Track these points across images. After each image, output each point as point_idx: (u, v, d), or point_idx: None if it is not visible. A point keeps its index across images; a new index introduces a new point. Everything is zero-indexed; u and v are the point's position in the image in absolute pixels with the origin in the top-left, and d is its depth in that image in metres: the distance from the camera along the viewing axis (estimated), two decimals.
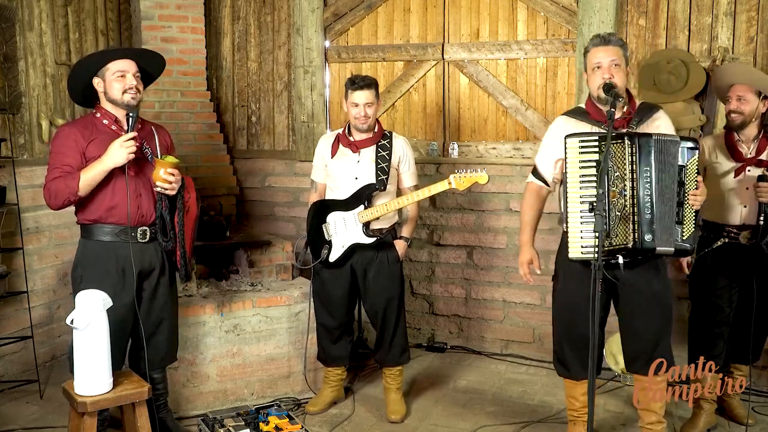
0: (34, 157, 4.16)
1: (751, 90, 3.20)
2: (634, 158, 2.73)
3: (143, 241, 3.03)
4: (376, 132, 3.51)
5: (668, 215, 2.74)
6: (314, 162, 3.65)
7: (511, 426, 3.51)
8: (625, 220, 2.71)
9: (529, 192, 3.12)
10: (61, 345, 4.29)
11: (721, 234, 3.31)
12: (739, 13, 3.94)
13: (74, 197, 2.87)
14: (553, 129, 3.04)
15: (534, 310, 4.50)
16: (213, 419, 3.28)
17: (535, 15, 4.42)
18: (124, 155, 2.85)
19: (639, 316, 2.93)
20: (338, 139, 3.54)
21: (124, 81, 2.95)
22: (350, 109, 3.45)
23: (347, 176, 3.48)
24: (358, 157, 3.49)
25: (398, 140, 3.57)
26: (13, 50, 4.00)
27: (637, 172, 2.72)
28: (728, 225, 3.29)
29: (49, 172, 2.91)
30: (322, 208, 3.55)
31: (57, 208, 2.95)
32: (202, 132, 4.89)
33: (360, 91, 3.41)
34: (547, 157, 3.03)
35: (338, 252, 3.48)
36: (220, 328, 3.70)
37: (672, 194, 2.74)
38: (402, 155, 3.55)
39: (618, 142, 2.72)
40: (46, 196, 2.90)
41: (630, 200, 2.72)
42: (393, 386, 3.66)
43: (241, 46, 5.10)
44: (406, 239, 3.62)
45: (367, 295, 3.56)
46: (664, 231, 2.74)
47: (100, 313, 2.64)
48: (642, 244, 2.72)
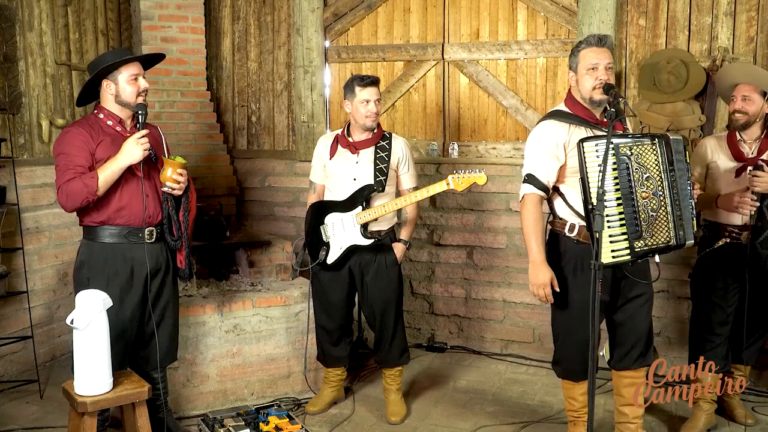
0: (34, 157, 4.17)
1: (756, 90, 3.20)
2: (662, 159, 2.70)
3: (150, 241, 3.04)
4: (376, 133, 3.50)
5: (688, 210, 2.76)
6: (313, 163, 3.64)
7: (511, 426, 3.51)
8: (663, 219, 2.70)
9: (532, 205, 2.89)
10: (61, 345, 4.29)
11: (723, 234, 3.30)
12: (739, 13, 3.94)
13: (93, 197, 2.85)
14: (546, 135, 2.88)
15: (534, 310, 4.50)
16: (213, 419, 3.28)
17: (535, 15, 4.42)
18: (139, 152, 2.86)
19: (637, 313, 2.95)
20: (337, 140, 3.53)
21: (137, 84, 2.96)
22: (358, 108, 3.41)
23: (346, 177, 3.47)
24: (356, 158, 3.48)
25: (398, 141, 3.55)
26: (13, 50, 4.00)
27: (667, 172, 2.70)
28: (730, 225, 3.29)
29: (62, 174, 2.87)
30: (321, 209, 3.53)
31: (73, 210, 2.92)
32: (202, 132, 4.89)
33: (370, 88, 3.40)
34: (545, 166, 2.88)
35: (336, 254, 3.47)
36: (220, 328, 3.70)
37: (687, 190, 2.76)
38: (401, 156, 3.54)
39: (642, 144, 2.70)
40: (61, 198, 2.86)
41: (665, 200, 2.70)
42: (393, 387, 3.66)
43: (241, 46, 5.10)
44: (404, 242, 3.60)
45: (365, 297, 3.55)
46: (688, 225, 2.76)
47: (100, 313, 2.64)
48: (678, 241, 2.72)
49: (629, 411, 3.03)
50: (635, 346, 2.97)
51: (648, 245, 2.70)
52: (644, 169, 2.70)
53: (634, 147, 2.69)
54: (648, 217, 2.69)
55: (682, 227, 2.72)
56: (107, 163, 2.87)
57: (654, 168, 2.70)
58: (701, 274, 3.40)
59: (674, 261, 4.11)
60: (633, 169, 2.68)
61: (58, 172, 2.89)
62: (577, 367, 3.01)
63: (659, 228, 2.70)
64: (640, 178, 2.69)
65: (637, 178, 2.69)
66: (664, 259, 4.02)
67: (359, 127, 3.47)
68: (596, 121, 2.87)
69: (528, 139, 2.98)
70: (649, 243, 2.70)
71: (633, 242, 2.68)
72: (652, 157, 2.70)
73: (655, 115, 4.10)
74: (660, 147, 2.70)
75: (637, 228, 2.67)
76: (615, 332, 3.03)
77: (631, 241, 2.68)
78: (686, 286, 3.96)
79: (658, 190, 2.70)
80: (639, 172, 2.69)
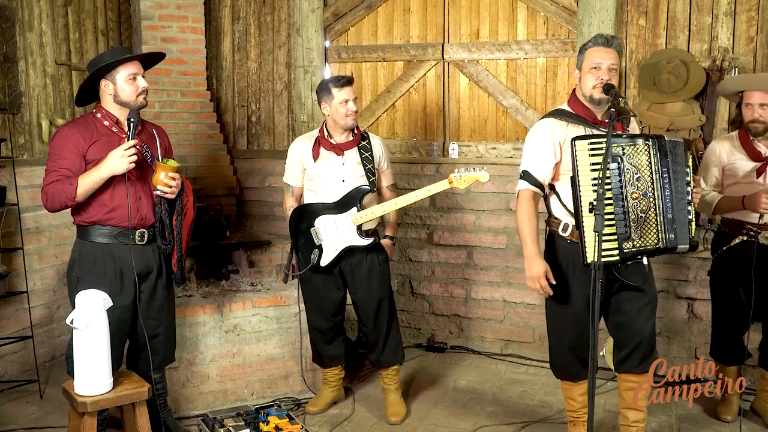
0: (34, 157, 4.16)
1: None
2: (654, 159, 2.70)
3: (141, 243, 3.02)
4: (357, 133, 3.51)
5: (683, 213, 2.75)
6: (289, 165, 3.59)
7: (511, 426, 3.51)
8: (652, 220, 2.69)
9: (527, 200, 2.92)
10: (61, 345, 4.29)
11: (741, 231, 3.32)
12: (739, 13, 3.94)
13: (71, 202, 2.85)
14: (543, 133, 2.91)
15: (534, 310, 4.50)
16: (213, 419, 3.28)
17: (535, 15, 4.42)
18: (124, 165, 2.83)
19: (638, 316, 2.93)
20: (318, 143, 3.51)
21: (136, 84, 2.94)
22: (338, 109, 3.40)
23: (333, 179, 3.46)
24: (342, 160, 3.47)
25: (376, 140, 3.58)
26: (13, 50, 4.00)
27: (659, 173, 2.70)
28: (749, 222, 3.30)
29: (47, 175, 2.88)
30: (309, 212, 3.51)
31: (54, 211, 2.94)
32: (202, 132, 4.89)
33: (347, 87, 3.41)
34: (540, 162, 2.90)
35: (331, 256, 3.45)
36: (220, 328, 3.70)
37: (684, 193, 2.75)
38: (381, 155, 3.57)
39: (635, 144, 2.70)
40: (43, 199, 2.88)
41: (655, 201, 2.70)
42: (391, 387, 3.65)
43: (241, 46, 5.10)
44: (391, 238, 3.65)
45: (358, 296, 3.54)
46: (682, 229, 2.74)
47: (100, 313, 2.64)
48: (668, 244, 2.71)
49: (631, 415, 3.02)
50: (636, 350, 2.95)
51: (636, 246, 2.70)
52: (635, 170, 2.70)
53: (626, 147, 2.70)
54: (637, 217, 2.69)
55: (674, 230, 2.70)
56: (91, 170, 2.85)
57: (645, 169, 2.70)
58: (720, 271, 3.44)
59: (674, 261, 4.11)
60: (624, 168, 2.68)
61: (45, 173, 2.90)
62: (572, 368, 3.02)
63: (648, 229, 2.70)
64: (631, 178, 2.69)
65: (628, 178, 2.69)
66: (665, 258, 4.04)
67: (339, 128, 3.46)
68: (596, 120, 2.87)
69: (527, 136, 3.01)
70: (638, 244, 2.70)
71: (622, 243, 2.68)
72: (644, 158, 2.70)
73: (655, 115, 4.10)
74: (653, 148, 2.70)
75: (626, 229, 2.67)
76: (616, 335, 3.03)
77: (620, 242, 2.69)
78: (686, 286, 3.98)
79: (648, 190, 2.70)
80: (630, 173, 2.69)
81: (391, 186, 3.66)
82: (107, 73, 2.93)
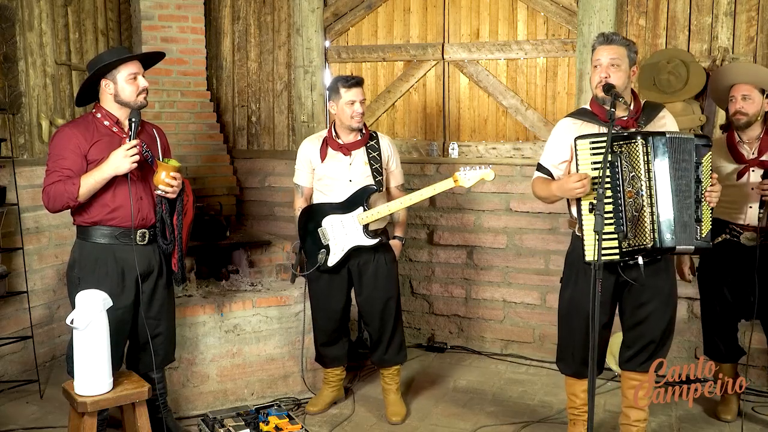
0: (34, 157, 4.16)
1: (756, 88, 3.21)
2: (649, 157, 2.69)
3: (142, 243, 3.03)
4: (365, 133, 3.51)
5: (687, 213, 2.70)
6: (298, 166, 3.60)
7: (511, 426, 3.51)
8: (644, 220, 2.69)
9: (538, 179, 3.01)
10: (61, 345, 4.29)
11: (724, 230, 3.34)
12: (739, 13, 3.94)
13: (73, 203, 2.85)
14: (559, 131, 2.99)
15: (534, 310, 4.50)
16: (213, 419, 3.28)
17: (535, 15, 4.42)
18: (127, 165, 2.83)
19: (648, 317, 2.92)
20: (326, 143, 3.51)
21: (136, 83, 2.94)
22: (344, 109, 3.40)
23: (341, 180, 3.46)
24: (350, 160, 3.47)
25: (384, 140, 3.57)
26: (13, 50, 4.00)
27: (654, 171, 2.68)
28: (732, 223, 3.31)
29: (48, 176, 2.87)
30: (316, 212, 3.51)
31: (55, 212, 2.94)
32: (202, 132, 4.89)
33: (355, 88, 3.41)
34: (552, 158, 2.98)
35: (338, 256, 3.46)
36: (220, 328, 3.70)
37: (690, 192, 2.70)
38: (390, 154, 3.57)
39: (632, 142, 2.70)
40: (44, 199, 2.87)
41: (648, 200, 2.68)
42: (392, 387, 3.65)
43: (241, 46, 5.10)
44: (400, 239, 3.64)
45: (364, 296, 3.55)
46: (684, 229, 2.70)
47: (100, 313, 2.64)
48: (662, 244, 2.68)
49: (632, 413, 3.03)
50: (643, 350, 2.96)
51: (631, 245, 2.70)
52: (631, 168, 2.70)
53: (624, 145, 2.70)
54: (632, 216, 2.69)
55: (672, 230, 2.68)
56: (93, 171, 2.85)
57: (640, 167, 2.69)
58: (706, 269, 3.47)
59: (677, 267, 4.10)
60: (622, 167, 2.68)
61: (46, 173, 2.89)
62: (578, 365, 3.02)
63: (641, 228, 2.70)
64: (627, 176, 2.69)
65: (625, 176, 2.69)
66: None
67: (345, 128, 3.47)
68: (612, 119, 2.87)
69: None
70: (632, 243, 2.70)
71: (620, 241, 2.69)
72: (640, 156, 2.70)
73: None
74: (648, 146, 2.69)
75: (622, 227, 2.67)
76: (626, 333, 3.04)
77: (619, 240, 2.69)
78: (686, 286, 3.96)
79: (641, 189, 2.69)
80: (627, 171, 2.69)
81: (400, 186, 3.63)
82: (107, 73, 2.93)
